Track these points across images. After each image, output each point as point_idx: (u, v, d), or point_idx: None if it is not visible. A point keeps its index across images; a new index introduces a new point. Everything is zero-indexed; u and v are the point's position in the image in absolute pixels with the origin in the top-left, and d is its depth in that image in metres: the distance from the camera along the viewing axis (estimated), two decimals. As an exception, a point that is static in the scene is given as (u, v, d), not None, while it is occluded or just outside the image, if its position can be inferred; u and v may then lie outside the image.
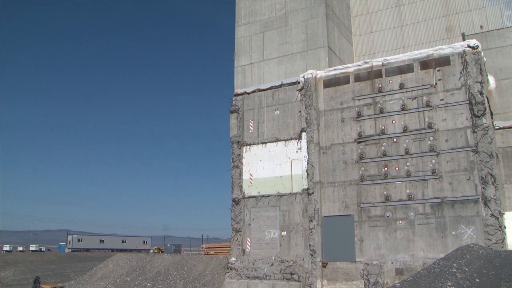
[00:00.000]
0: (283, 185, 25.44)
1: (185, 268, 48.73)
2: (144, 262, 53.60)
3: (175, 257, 55.41)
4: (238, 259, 25.94)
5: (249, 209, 26.42)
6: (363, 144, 22.62)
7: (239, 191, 26.89)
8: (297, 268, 23.38)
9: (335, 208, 22.92)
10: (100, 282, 51.42)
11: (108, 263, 56.95)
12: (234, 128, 27.58)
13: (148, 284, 47.56)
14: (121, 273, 52.31)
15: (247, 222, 26.39)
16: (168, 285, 46.17)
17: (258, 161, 26.55)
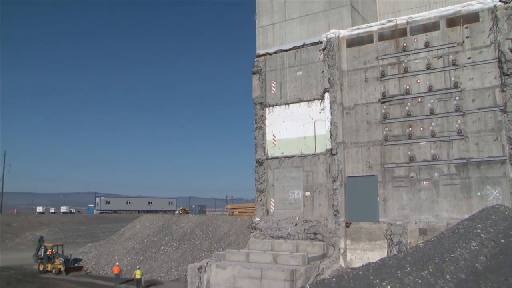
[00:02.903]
0: (306, 146, 25.43)
1: (210, 228, 49.66)
2: (170, 223, 54.75)
3: (200, 218, 56.45)
4: (262, 219, 26.30)
5: (273, 170, 26.57)
6: (387, 104, 22.33)
7: (262, 152, 27.00)
8: (320, 228, 23.63)
9: (359, 169, 22.90)
10: (128, 242, 52.86)
11: (135, 224, 58.37)
12: (256, 90, 27.45)
13: (174, 244, 48.72)
14: (148, 233, 53.61)
15: (271, 182, 26.60)
16: (194, 245, 47.22)
17: (281, 122, 26.50)
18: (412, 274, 12.14)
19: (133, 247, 50.97)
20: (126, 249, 50.64)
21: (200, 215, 65.64)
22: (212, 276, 22.51)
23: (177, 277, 41.58)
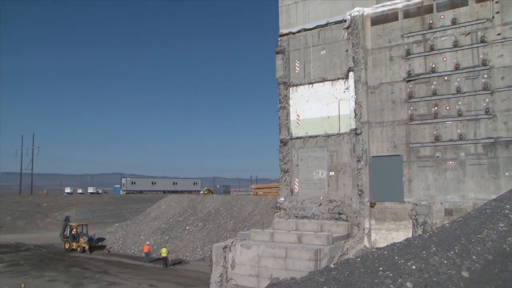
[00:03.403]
0: (331, 126, 25.29)
1: (235, 208, 50.07)
2: (195, 203, 55.36)
3: (225, 198, 56.92)
4: (287, 199, 26.38)
5: (297, 150, 26.55)
6: (412, 83, 21.97)
7: (286, 132, 26.96)
8: (345, 208, 23.60)
9: (383, 148, 22.70)
10: (154, 222, 53.69)
11: (160, 204, 59.19)
12: (280, 69, 27.29)
13: (199, 224, 49.31)
14: (173, 213, 54.34)
15: (295, 162, 26.60)
16: (219, 225, 47.73)
17: (305, 101, 26.36)
18: (438, 254, 12.07)
19: (159, 227, 51.79)
20: (152, 229, 51.49)
21: (225, 195, 66.16)
22: (237, 256, 22.75)
23: (202, 256, 42.18)
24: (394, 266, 11.53)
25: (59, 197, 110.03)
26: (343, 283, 10.68)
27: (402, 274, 10.64)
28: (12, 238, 59.93)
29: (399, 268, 11.24)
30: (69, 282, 32.47)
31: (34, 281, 32.84)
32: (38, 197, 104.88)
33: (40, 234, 64.73)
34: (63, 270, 37.41)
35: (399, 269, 11.14)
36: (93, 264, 40.08)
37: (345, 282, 10.71)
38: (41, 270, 37.55)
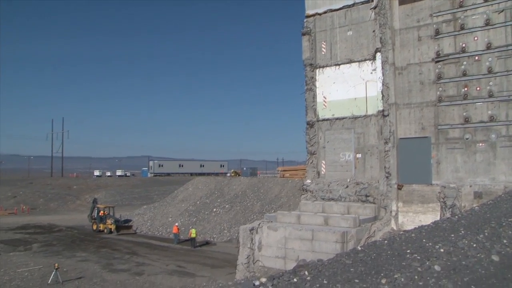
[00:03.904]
0: (358, 107, 25.04)
1: (262, 191, 50.26)
2: (222, 185, 55.73)
3: (252, 180, 57.16)
4: (313, 181, 26.34)
5: (324, 132, 26.40)
6: (441, 64, 21.54)
7: (313, 114, 26.81)
8: (372, 190, 23.46)
9: (411, 130, 22.41)
10: (181, 204, 54.31)
11: (188, 186, 59.76)
12: (306, 51, 27.05)
13: (226, 206, 49.69)
14: (200, 195, 54.85)
15: (322, 144, 26.48)
16: (246, 207, 48.02)
17: (332, 83, 26.12)
18: (467, 237, 11.93)
19: (186, 209, 52.40)
20: (180, 211, 52.13)
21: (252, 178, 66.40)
22: (264, 237, 22.89)
23: (229, 238, 42.57)
24: (421, 249, 11.45)
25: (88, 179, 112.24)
26: (370, 265, 10.66)
27: (430, 257, 10.56)
28: (45, 219, 61.49)
29: (427, 251, 11.15)
30: (99, 263, 33.20)
31: (67, 261, 33.67)
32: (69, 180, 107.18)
33: (71, 215, 66.24)
34: (94, 251, 38.25)
35: (427, 252, 11.06)
36: (123, 245, 40.86)
37: (372, 264, 10.69)
38: (73, 251, 38.47)
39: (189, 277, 28.77)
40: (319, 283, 9.56)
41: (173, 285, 26.51)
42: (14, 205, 73.94)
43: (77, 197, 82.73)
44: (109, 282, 27.50)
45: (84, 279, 28.26)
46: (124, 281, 27.70)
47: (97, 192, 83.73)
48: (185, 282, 27.17)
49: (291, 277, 10.21)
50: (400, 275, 9.39)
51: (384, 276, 9.47)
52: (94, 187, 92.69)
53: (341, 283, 9.42)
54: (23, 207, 72.13)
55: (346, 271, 10.40)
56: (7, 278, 28.67)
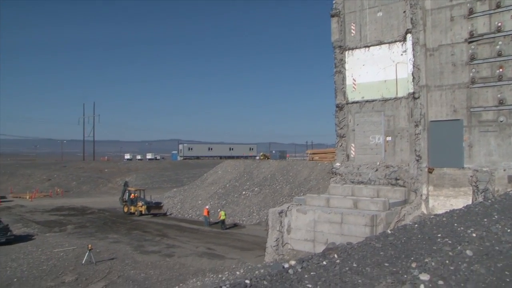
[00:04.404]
0: (388, 90, 24.70)
1: (291, 174, 50.27)
2: (251, 168, 55.94)
3: (281, 163, 57.19)
4: (343, 165, 26.20)
5: (353, 115, 26.17)
6: (474, 44, 20.99)
7: (342, 97, 26.57)
8: (402, 173, 23.21)
9: (443, 113, 22.00)
10: (211, 187, 54.79)
11: (217, 169, 60.18)
12: (335, 33, 26.72)
13: (255, 189, 49.90)
14: (230, 178, 55.19)
15: (351, 127, 26.26)
16: (275, 190, 48.15)
17: (361, 65, 25.79)
18: (500, 222, 11.73)
19: (216, 191, 52.85)
20: (209, 194, 52.62)
21: (281, 161, 66.47)
22: (293, 220, 22.95)
23: (258, 221, 42.84)
24: (453, 233, 11.31)
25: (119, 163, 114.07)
26: (400, 249, 10.59)
27: (462, 241, 10.42)
28: (78, 202, 62.90)
29: (459, 235, 11.02)
30: (131, 244, 33.85)
31: (99, 242, 34.44)
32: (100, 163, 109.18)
33: (103, 198, 67.55)
34: (125, 233, 39.00)
35: (459, 236, 10.92)
36: (153, 228, 41.54)
37: (402, 248, 10.62)
38: (105, 232, 39.31)
39: (219, 259, 29.12)
40: (349, 266, 9.55)
41: (203, 267, 26.88)
42: (49, 188, 75.85)
43: (109, 180, 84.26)
44: (140, 263, 28.06)
45: (116, 260, 28.89)
46: (155, 263, 28.21)
47: (127, 175, 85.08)
48: (214, 264, 27.52)
49: (320, 260, 10.22)
50: (430, 259, 9.30)
51: (414, 260, 9.40)
52: (125, 170, 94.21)
53: (370, 267, 9.40)
54: (57, 190, 73.92)
55: (375, 254, 10.36)
56: (44, 257, 29.57)
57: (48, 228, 41.50)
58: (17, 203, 60.93)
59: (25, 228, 41.37)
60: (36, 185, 77.75)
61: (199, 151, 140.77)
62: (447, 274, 8.33)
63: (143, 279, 24.95)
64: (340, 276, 8.91)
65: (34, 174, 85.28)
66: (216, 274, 20.09)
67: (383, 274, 8.80)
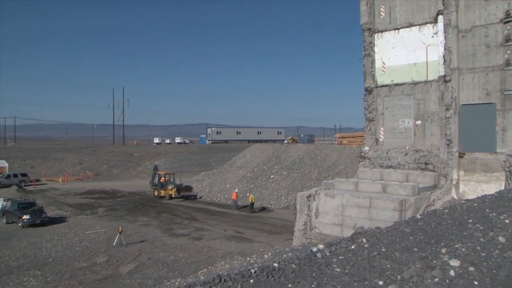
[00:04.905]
0: (418, 73, 24.26)
1: (319, 158, 50.12)
2: (279, 152, 55.98)
3: (309, 147, 57.07)
4: (372, 149, 25.96)
5: (382, 98, 25.83)
6: (510, 24, 20.36)
7: (371, 80, 26.23)
8: (432, 158, 22.87)
9: (475, 96, 21.49)
10: (239, 171, 55.05)
11: (245, 153, 60.40)
12: (364, 15, 26.29)
13: (284, 173, 49.95)
14: (258, 162, 55.35)
15: (380, 111, 25.95)
16: (303, 174, 48.12)
17: (391, 48, 25.37)
18: (534, 208, 11.48)
19: (244, 175, 53.10)
20: (238, 178, 52.91)
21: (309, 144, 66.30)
22: (321, 204, 22.92)
23: (287, 204, 42.95)
24: (485, 219, 11.13)
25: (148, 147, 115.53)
26: (430, 234, 10.48)
27: (494, 227, 10.24)
28: (108, 185, 64.06)
29: (491, 221, 10.82)
30: (160, 227, 34.39)
31: (130, 225, 35.09)
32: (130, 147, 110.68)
33: (133, 181, 68.59)
34: (155, 216, 39.60)
35: (491, 222, 10.74)
36: (182, 211, 42.05)
37: (431, 233, 10.51)
38: (135, 215, 40.00)
39: (247, 242, 29.36)
40: (377, 251, 9.51)
41: (231, 250, 27.15)
42: (80, 172, 77.38)
43: (138, 164, 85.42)
44: (169, 246, 28.50)
45: (146, 242, 29.42)
46: (184, 245, 28.62)
47: (156, 159, 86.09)
48: (242, 248, 27.76)
49: (348, 244, 10.20)
50: (461, 245, 9.18)
51: (444, 246, 9.30)
52: (154, 154, 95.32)
53: (399, 251, 9.34)
54: (88, 174, 75.36)
55: (404, 239, 10.28)
56: (77, 239, 30.35)
57: (80, 211, 42.48)
58: (51, 186, 62.51)
59: (58, 210, 42.47)
60: (68, 169, 79.41)
61: (227, 135, 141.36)
62: (478, 261, 8.22)
63: (172, 261, 25.36)
64: (369, 260, 8.88)
65: (66, 158, 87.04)
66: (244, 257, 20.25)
67: (412, 259, 8.74)
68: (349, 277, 7.96)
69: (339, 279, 7.90)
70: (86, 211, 42.29)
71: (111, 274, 23.33)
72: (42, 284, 21.78)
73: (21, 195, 49.84)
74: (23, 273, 23.51)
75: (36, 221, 34.99)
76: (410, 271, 7.93)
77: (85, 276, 22.94)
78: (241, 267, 12.82)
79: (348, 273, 8.18)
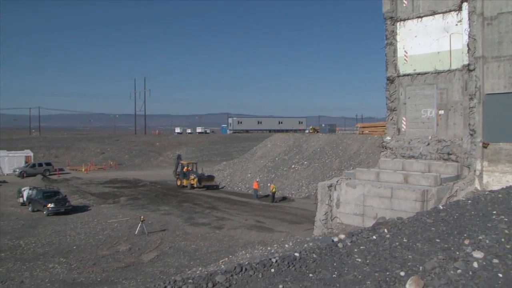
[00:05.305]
0: (441, 62, 23.90)
1: (340, 147, 49.88)
2: (300, 142, 55.84)
3: (330, 137, 56.80)
4: (393, 138, 25.74)
5: (404, 88, 25.55)
6: (538, 11, 19.86)
7: (393, 69, 25.94)
8: (455, 148, 22.58)
9: (500, 85, 21.10)
10: (260, 160, 55.10)
11: (266, 143, 60.39)
12: (386, 3, 25.95)
13: (305, 162, 49.85)
14: (279, 152, 55.33)
15: (402, 101, 25.68)
16: (324, 164, 47.95)
17: (413, 37, 25.02)
18: (560, 199, 11.29)
19: (265, 165, 53.16)
20: (259, 167, 52.99)
21: (330, 134, 66.01)
22: (342, 194, 22.85)
23: (307, 194, 42.90)
24: (509, 210, 10.98)
25: (170, 136, 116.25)
26: (453, 225, 10.39)
27: (519, 218, 10.11)
28: (130, 174, 64.74)
29: (515, 212, 10.69)
30: (182, 216, 34.68)
31: (151, 214, 35.46)
32: (151, 137, 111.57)
33: (154, 171, 69.19)
34: (176, 205, 39.93)
35: (515, 213, 10.60)
36: (203, 200, 42.31)
37: (454, 224, 10.41)
38: (157, 204, 40.39)
39: (268, 232, 29.45)
40: (399, 241, 9.47)
41: (252, 240, 27.27)
42: (103, 161, 78.31)
43: (160, 153, 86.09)
44: (190, 235, 28.75)
45: (167, 231, 29.72)
46: (205, 234, 28.83)
47: (178, 148, 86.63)
48: (263, 237, 27.87)
49: (370, 234, 10.18)
50: (484, 236, 9.09)
51: (467, 237, 9.22)
52: (175, 143, 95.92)
53: (421, 242, 9.29)
54: (111, 163, 76.22)
55: (426, 230, 10.21)
56: (100, 227, 30.81)
57: (102, 200, 43.06)
58: (74, 175, 63.43)
59: (81, 199, 43.11)
60: (91, 158, 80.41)
61: (248, 125, 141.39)
62: (502, 253, 8.13)
63: (194, 250, 25.58)
64: (390, 251, 8.86)
65: (89, 147, 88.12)
66: (265, 246, 20.31)
67: (434, 250, 8.68)
68: (370, 267, 7.96)
69: (360, 269, 7.89)
70: (108, 200, 42.85)
71: (133, 262, 23.65)
72: (66, 271, 22.20)
73: (45, 184, 50.70)
74: (48, 259, 23.99)
75: (60, 210, 35.63)
76: (432, 262, 7.88)
77: (108, 264, 23.30)
78: (262, 256, 12.89)
79: (369, 263, 8.17)
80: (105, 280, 20.81)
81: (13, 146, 78.30)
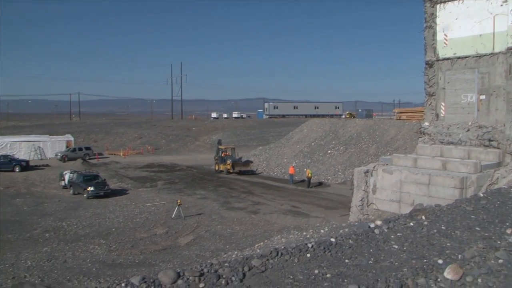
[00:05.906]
0: (483, 45, 23.18)
1: (377, 133, 49.26)
2: (336, 127, 55.41)
3: (367, 122, 56.17)
4: (432, 124, 25.23)
5: (444, 72, 24.95)
6: None
7: (432, 53, 25.34)
8: (496, 134, 21.97)
9: (547, 69, 20.39)
10: (296, 146, 55.00)
11: (302, 128, 60.16)
12: (426, -15, 25.31)
13: (341, 148, 49.51)
14: (315, 137, 55.07)
15: (441, 85, 25.10)
16: (361, 149, 47.51)
17: (454, 19, 24.33)
18: None
19: (301, 150, 53.04)
20: (294, 152, 52.92)
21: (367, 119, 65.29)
22: (379, 180, 22.61)
23: (343, 180, 42.64)
24: (553, 198, 10.67)
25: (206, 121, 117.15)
26: (493, 213, 10.16)
27: None
28: (167, 159, 65.65)
29: (559, 200, 10.37)
30: (218, 201, 35.02)
31: (188, 198, 35.94)
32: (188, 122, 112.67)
33: (191, 156, 69.96)
34: (212, 190, 40.33)
35: (559, 201, 10.29)
36: (239, 185, 42.59)
37: (495, 213, 10.18)
38: (193, 189, 40.89)
39: (303, 217, 29.47)
40: (437, 229, 9.33)
41: (287, 224, 27.34)
42: (140, 146, 79.61)
43: (196, 138, 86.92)
44: (226, 219, 29.03)
45: (203, 215, 30.10)
46: (241, 219, 29.07)
47: (214, 133, 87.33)
48: (299, 222, 27.89)
49: (407, 221, 10.06)
50: (527, 225, 8.86)
51: (509, 226, 9.00)
52: (212, 128, 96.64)
53: (460, 230, 9.12)
54: (148, 148, 77.41)
55: (466, 217, 10.02)
56: (137, 211, 31.47)
57: (140, 184, 43.88)
58: (112, 160, 64.77)
59: (120, 183, 44.04)
60: (129, 143, 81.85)
61: (284, 110, 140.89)
62: (545, 242, 7.91)
63: (229, 234, 25.84)
64: (428, 238, 8.74)
65: (127, 132, 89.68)
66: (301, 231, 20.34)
67: (473, 238, 8.52)
68: (407, 254, 7.87)
69: (397, 256, 7.82)
70: (146, 184, 43.63)
71: (170, 245, 24.08)
72: (106, 252, 22.81)
73: (85, 167, 52.00)
74: (89, 241, 24.70)
75: (99, 193, 36.55)
76: (471, 250, 7.74)
77: (145, 246, 23.81)
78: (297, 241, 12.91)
79: (406, 250, 8.09)
80: (142, 262, 21.29)
81: (54, 131, 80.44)
